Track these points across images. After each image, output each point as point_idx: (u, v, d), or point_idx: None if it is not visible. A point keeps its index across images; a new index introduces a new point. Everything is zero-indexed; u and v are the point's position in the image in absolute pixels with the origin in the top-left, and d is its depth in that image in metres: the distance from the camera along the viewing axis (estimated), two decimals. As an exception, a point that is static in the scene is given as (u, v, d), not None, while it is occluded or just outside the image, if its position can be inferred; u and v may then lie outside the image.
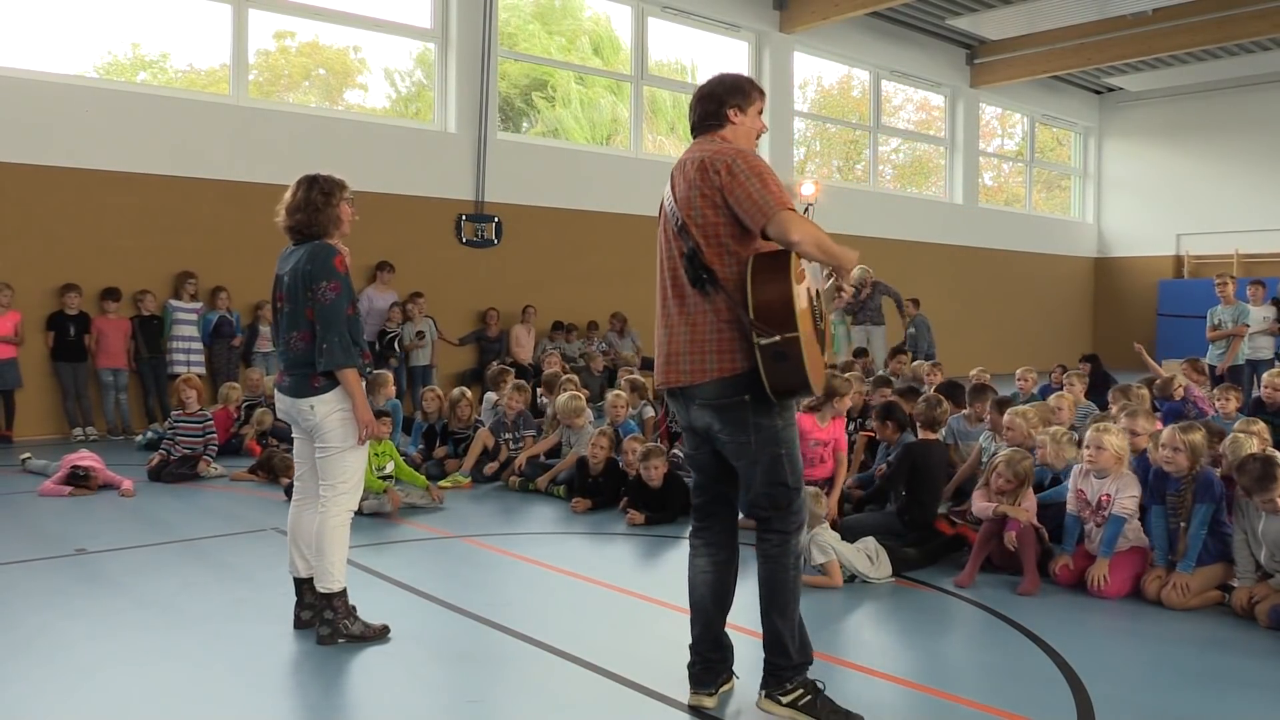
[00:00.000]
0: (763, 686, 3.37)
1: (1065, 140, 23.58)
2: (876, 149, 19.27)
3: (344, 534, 4.17)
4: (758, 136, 3.49)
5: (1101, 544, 4.97)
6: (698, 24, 15.58)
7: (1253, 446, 5.89)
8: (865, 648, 4.37)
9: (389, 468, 6.90)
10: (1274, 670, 4.03)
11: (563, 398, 7.95)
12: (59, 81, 10.26)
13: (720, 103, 3.41)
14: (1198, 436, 4.89)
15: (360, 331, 4.19)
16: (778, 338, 3.05)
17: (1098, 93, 22.63)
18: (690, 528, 3.56)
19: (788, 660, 3.33)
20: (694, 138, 3.49)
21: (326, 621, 4.14)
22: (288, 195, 4.16)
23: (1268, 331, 10.76)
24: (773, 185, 3.16)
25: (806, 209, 15.82)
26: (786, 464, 3.27)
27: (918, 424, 6.05)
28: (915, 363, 11.61)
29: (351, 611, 4.19)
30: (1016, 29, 17.95)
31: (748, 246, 3.22)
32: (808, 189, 17.78)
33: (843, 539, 5.16)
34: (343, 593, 4.17)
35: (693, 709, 3.45)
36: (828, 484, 6.07)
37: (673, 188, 3.36)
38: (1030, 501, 5.22)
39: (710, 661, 3.49)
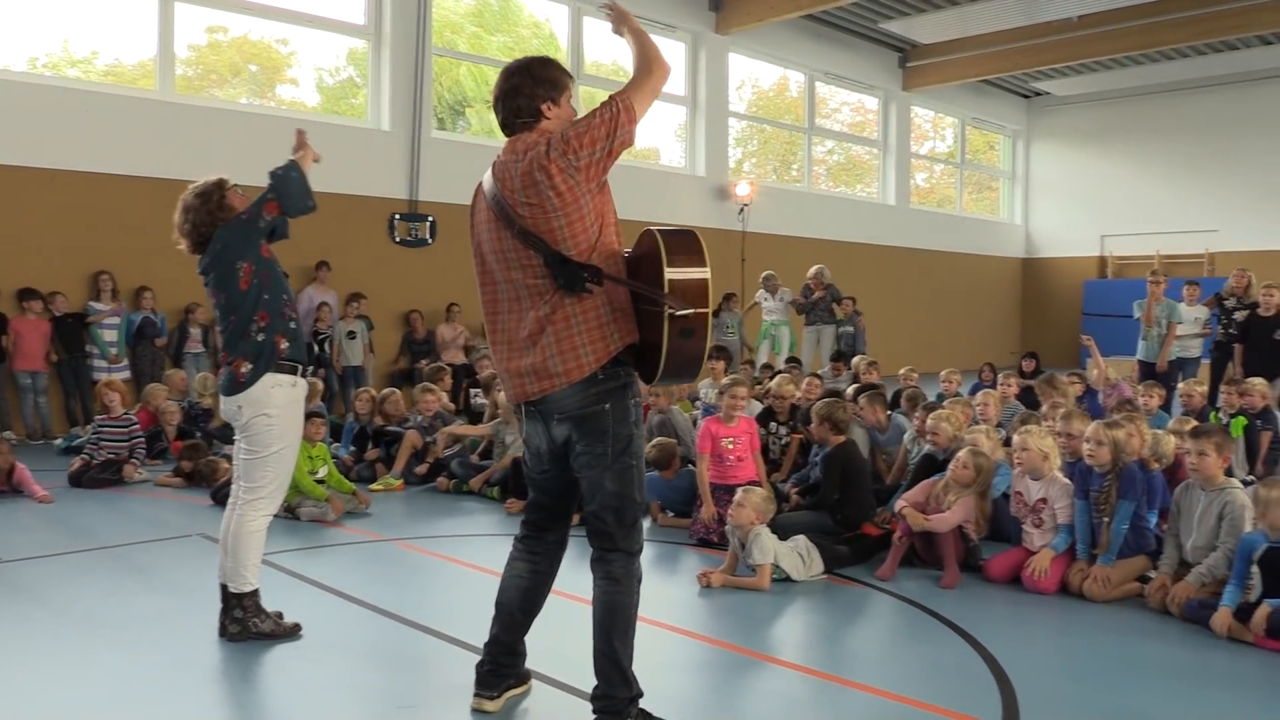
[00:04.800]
0: None
1: (995, 143, 24.03)
2: (811, 150, 19.46)
3: (261, 538, 4.15)
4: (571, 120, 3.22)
5: (1052, 546, 5.05)
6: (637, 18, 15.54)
7: (1173, 444, 6.08)
8: (795, 645, 4.41)
9: (322, 472, 6.78)
10: (1190, 658, 4.16)
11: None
12: (-26, 74, 9.94)
13: (531, 97, 3.14)
14: (1120, 433, 5.02)
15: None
16: (690, 312, 2.97)
17: (1026, 97, 23.11)
18: (519, 534, 3.45)
19: (627, 691, 3.14)
20: (506, 135, 3.21)
21: (236, 620, 4.11)
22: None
23: (1199, 334, 11.02)
24: (589, 117, 3.03)
25: (741, 209, 16.02)
26: (636, 476, 3.17)
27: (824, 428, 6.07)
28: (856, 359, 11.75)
29: (261, 610, 4.15)
30: (947, 33, 18.25)
31: (606, 233, 3.07)
32: (743, 189, 18.06)
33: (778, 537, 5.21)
34: (254, 593, 4.14)
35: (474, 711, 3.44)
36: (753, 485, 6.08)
37: (502, 191, 3.09)
38: (967, 503, 5.28)
39: (500, 666, 3.45)
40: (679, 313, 2.95)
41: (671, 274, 2.99)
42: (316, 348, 11.27)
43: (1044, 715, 3.51)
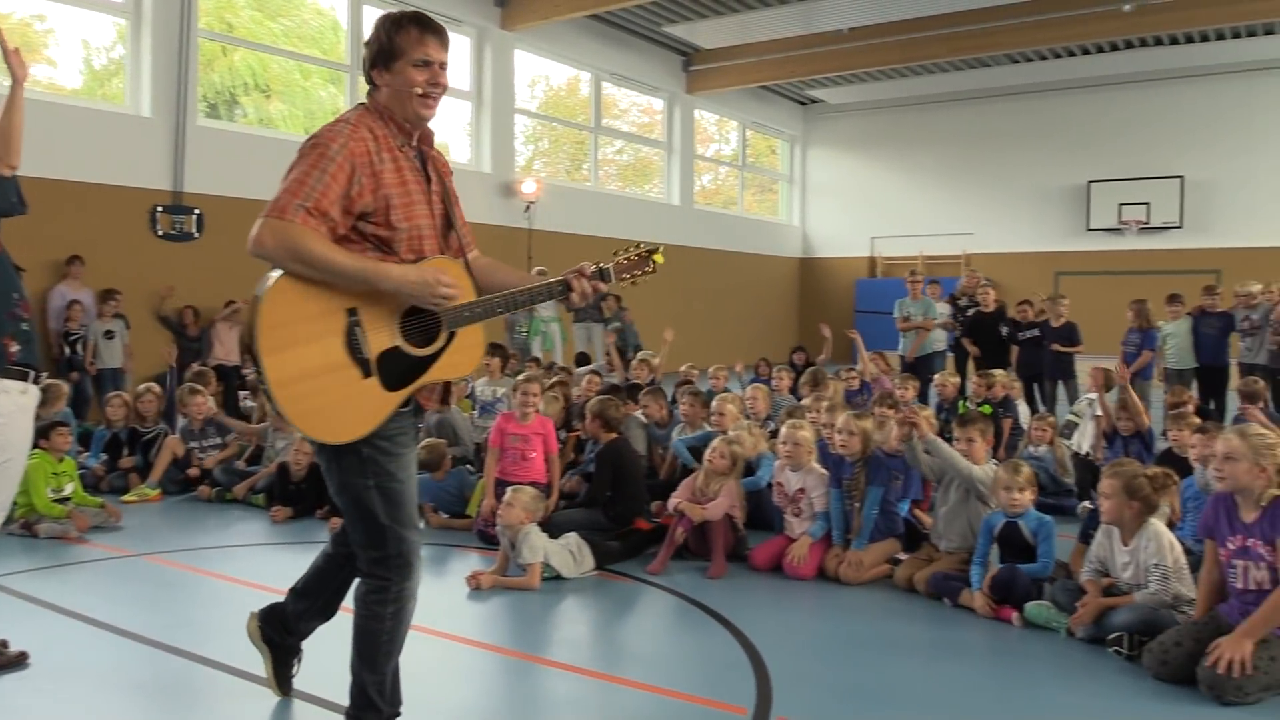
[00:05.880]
0: None
1: (776, 147, 25.03)
2: (597, 150, 19.65)
3: None
4: (423, 88, 2.84)
5: (809, 533, 5.30)
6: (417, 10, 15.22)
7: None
8: (563, 644, 4.42)
9: (68, 489, 6.26)
10: (929, 633, 4.47)
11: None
12: None
13: (365, 60, 2.92)
14: (868, 423, 5.32)
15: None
16: (256, 372, 2.68)
17: (802, 104, 24.17)
18: None
19: (375, 714, 3.00)
20: None
21: None
22: None
23: (942, 326, 11.93)
24: (296, 182, 2.70)
25: (528, 207, 15.96)
26: (378, 499, 2.84)
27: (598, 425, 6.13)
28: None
29: None
30: (728, 39, 18.82)
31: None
32: (529, 187, 18.02)
33: (550, 535, 5.22)
34: None
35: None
36: (545, 486, 6.08)
37: None
38: (730, 489, 5.47)
39: (274, 622, 3.40)
40: (246, 373, 2.74)
41: (249, 305, 2.78)
42: (68, 349, 10.46)
43: (795, 696, 3.67)
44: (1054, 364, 10.67)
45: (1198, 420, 6.23)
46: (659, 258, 3.09)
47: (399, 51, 2.83)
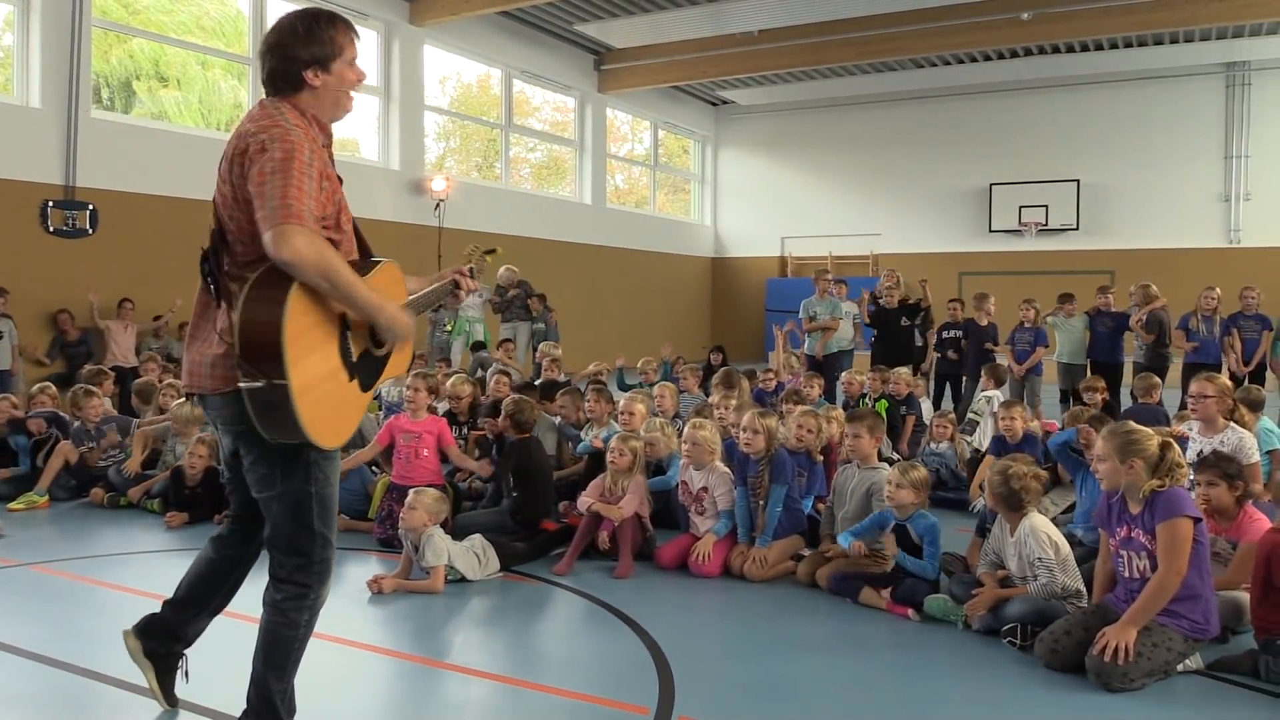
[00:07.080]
0: None
1: (688, 147, 25.17)
2: (509, 148, 19.51)
3: None
4: (352, 90, 2.89)
5: (713, 531, 5.34)
6: (320, 6, 14.93)
7: (829, 429, 6.58)
8: (467, 647, 4.37)
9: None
10: (834, 628, 4.53)
11: (181, 406, 7.15)
12: None
13: (293, 61, 2.77)
14: (772, 421, 5.39)
15: None
16: (262, 383, 2.53)
17: (714, 104, 24.34)
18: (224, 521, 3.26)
19: None
20: (268, 94, 2.84)
21: None
22: None
23: (829, 322, 12.17)
24: (295, 188, 2.56)
25: (438, 205, 15.79)
26: (315, 505, 2.83)
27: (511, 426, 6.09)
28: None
29: None
30: (640, 39, 18.85)
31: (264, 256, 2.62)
32: (439, 184, 17.82)
33: (455, 537, 5.16)
34: None
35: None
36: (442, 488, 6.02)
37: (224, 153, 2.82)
38: (638, 485, 5.47)
39: (154, 631, 3.27)
40: (245, 385, 2.55)
41: (243, 320, 2.56)
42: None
43: (697, 695, 3.68)
44: (979, 362, 10.86)
45: (1093, 414, 6.42)
46: (496, 254, 4.15)
47: (339, 51, 2.82)
